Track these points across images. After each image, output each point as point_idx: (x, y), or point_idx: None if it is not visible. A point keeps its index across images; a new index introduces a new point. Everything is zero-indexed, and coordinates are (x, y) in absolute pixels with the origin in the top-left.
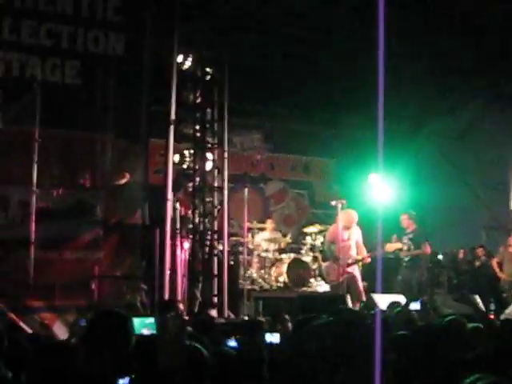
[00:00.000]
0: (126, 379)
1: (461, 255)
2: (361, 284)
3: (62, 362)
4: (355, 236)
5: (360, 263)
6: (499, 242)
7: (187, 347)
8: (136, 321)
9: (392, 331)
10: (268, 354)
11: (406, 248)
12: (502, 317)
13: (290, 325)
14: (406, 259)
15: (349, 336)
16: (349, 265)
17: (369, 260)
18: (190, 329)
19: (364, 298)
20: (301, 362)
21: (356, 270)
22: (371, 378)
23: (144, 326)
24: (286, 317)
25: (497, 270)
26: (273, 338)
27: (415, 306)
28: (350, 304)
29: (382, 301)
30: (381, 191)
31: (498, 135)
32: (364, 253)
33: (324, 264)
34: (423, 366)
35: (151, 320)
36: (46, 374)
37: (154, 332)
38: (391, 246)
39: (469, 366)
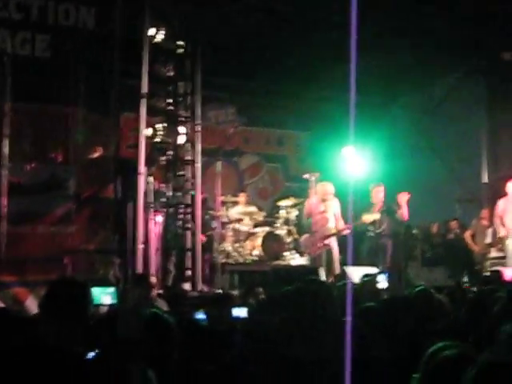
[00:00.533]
0: (92, 353)
1: (434, 228)
2: (337, 257)
3: (29, 337)
4: (333, 208)
5: (337, 235)
6: (472, 215)
7: (150, 317)
8: (96, 290)
9: (360, 303)
10: (236, 326)
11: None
12: None
13: (262, 298)
14: (380, 231)
15: (304, 306)
16: (326, 237)
17: (346, 232)
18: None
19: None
20: (261, 334)
21: (333, 243)
22: (330, 348)
23: (104, 294)
24: (260, 290)
25: (470, 242)
26: (240, 312)
27: (383, 278)
28: (323, 276)
29: (355, 273)
30: (354, 164)
31: (471, 109)
32: (342, 225)
33: (302, 237)
34: (389, 337)
35: (112, 289)
36: (13, 350)
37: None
38: (368, 217)
39: (436, 336)
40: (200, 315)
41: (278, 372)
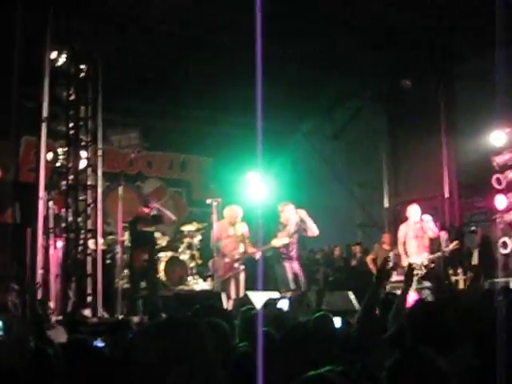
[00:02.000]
0: None
1: (336, 252)
2: (243, 280)
3: None
4: (241, 232)
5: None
6: (374, 239)
7: (32, 348)
8: None
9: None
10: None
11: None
12: None
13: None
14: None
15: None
16: (236, 260)
17: (257, 256)
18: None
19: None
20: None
21: (242, 267)
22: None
23: None
24: (163, 315)
25: (371, 266)
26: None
27: (284, 303)
28: (224, 301)
29: (258, 298)
30: (258, 189)
31: (373, 135)
32: (251, 248)
33: (211, 261)
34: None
35: None
36: None
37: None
38: (278, 241)
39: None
40: (98, 342)
41: None
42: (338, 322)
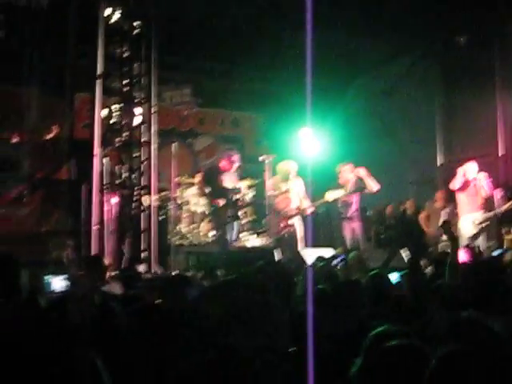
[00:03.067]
0: None
1: (388, 210)
2: (301, 236)
3: None
4: (296, 188)
5: (301, 214)
6: (427, 197)
7: (98, 305)
8: (49, 276)
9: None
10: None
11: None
12: None
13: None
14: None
15: (242, 297)
16: (290, 217)
17: (310, 211)
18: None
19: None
20: (199, 320)
21: (298, 222)
22: (269, 335)
23: (57, 280)
24: (218, 273)
25: (424, 224)
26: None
27: (338, 260)
28: (277, 257)
29: (310, 255)
30: (310, 146)
31: (426, 92)
32: (306, 204)
33: (266, 218)
34: (340, 319)
35: (64, 276)
36: None
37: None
38: (332, 195)
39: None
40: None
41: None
42: (394, 277)
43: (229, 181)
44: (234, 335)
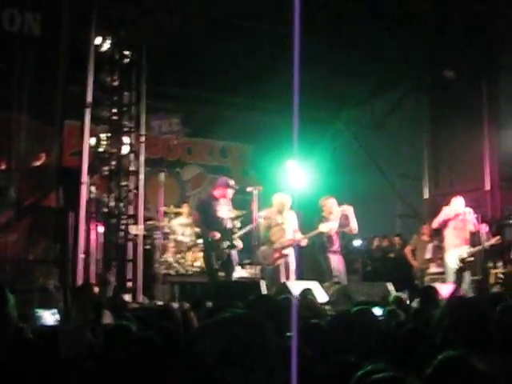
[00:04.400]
0: None
1: (375, 243)
2: (293, 269)
3: None
4: (290, 220)
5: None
6: (413, 230)
7: (89, 338)
8: (40, 311)
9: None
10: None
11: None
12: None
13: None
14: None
15: (241, 334)
16: (284, 247)
17: (304, 243)
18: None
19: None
20: (195, 359)
21: (291, 253)
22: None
23: (48, 315)
24: (208, 305)
25: (410, 257)
26: None
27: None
28: (264, 290)
29: (296, 288)
30: (297, 178)
31: (414, 125)
32: (299, 236)
33: (260, 249)
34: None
35: (55, 310)
36: None
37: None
38: (325, 226)
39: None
40: None
41: None
42: (378, 312)
43: (223, 209)
44: (231, 372)
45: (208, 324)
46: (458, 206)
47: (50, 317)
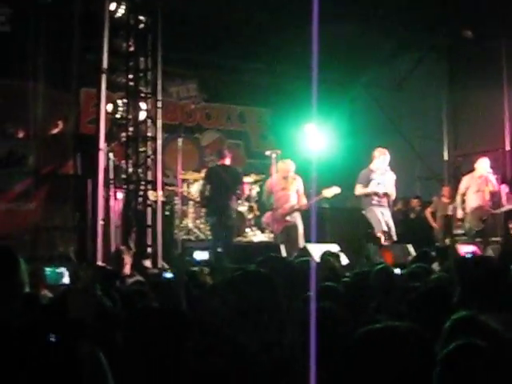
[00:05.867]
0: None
1: (397, 206)
2: (301, 233)
3: None
4: (294, 185)
5: (299, 211)
6: (433, 192)
7: (98, 299)
8: (52, 270)
9: (321, 281)
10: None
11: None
12: None
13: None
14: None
15: (250, 292)
16: (287, 213)
17: (307, 207)
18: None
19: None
20: (207, 318)
21: (298, 219)
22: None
23: (61, 274)
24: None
25: (430, 219)
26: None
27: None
28: (284, 253)
29: (317, 251)
30: (316, 141)
31: (433, 87)
32: (304, 201)
33: (264, 215)
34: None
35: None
36: None
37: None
38: (329, 191)
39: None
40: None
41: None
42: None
43: None
44: (242, 332)
45: (217, 285)
46: (482, 167)
47: (62, 276)
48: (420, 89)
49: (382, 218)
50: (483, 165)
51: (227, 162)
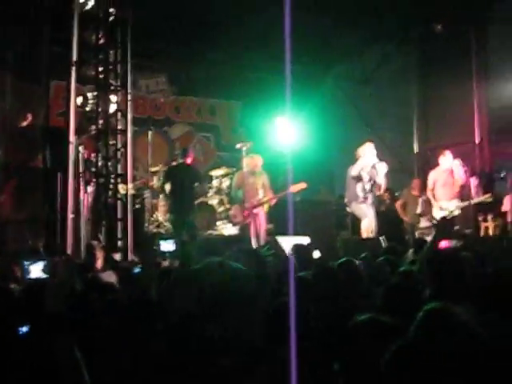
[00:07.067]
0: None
1: None
2: (264, 226)
3: None
4: (261, 180)
5: (266, 205)
6: (403, 184)
7: (76, 292)
8: (27, 263)
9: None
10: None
11: None
12: None
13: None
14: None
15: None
16: (254, 206)
17: (273, 201)
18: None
19: (265, 240)
20: (177, 309)
21: (261, 212)
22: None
23: (36, 267)
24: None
25: (401, 212)
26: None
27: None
28: (254, 246)
29: (287, 243)
30: (286, 134)
31: (403, 80)
32: (271, 196)
33: (232, 208)
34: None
35: (43, 263)
36: None
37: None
38: (295, 187)
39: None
40: None
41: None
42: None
43: None
44: (207, 326)
45: (175, 281)
46: (445, 162)
47: (37, 269)
48: (390, 82)
49: (368, 215)
50: (447, 158)
51: (189, 161)
